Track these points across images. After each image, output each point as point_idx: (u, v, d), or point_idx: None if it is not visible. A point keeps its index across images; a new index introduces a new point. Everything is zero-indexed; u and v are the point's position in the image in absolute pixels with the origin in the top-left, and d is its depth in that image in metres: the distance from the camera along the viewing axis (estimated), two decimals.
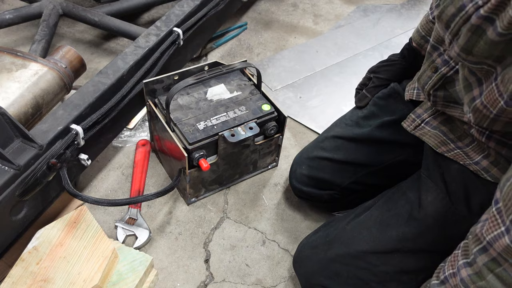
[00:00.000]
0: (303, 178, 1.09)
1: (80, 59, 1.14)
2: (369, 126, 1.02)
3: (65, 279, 0.85)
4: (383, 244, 0.85)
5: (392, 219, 0.87)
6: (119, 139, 1.30)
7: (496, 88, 0.60)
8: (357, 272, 0.86)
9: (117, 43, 1.67)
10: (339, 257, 0.88)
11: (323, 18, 1.88)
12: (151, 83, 1.09)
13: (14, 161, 0.80)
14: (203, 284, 1.03)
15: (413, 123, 0.90)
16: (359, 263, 0.86)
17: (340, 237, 0.91)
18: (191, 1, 1.27)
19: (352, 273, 0.86)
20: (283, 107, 1.11)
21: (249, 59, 1.64)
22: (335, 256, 0.89)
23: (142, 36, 1.15)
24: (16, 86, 0.98)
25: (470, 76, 0.68)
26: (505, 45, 0.56)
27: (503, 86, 0.58)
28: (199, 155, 1.02)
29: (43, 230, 0.93)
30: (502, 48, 0.57)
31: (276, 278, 1.05)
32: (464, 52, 0.62)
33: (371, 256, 0.86)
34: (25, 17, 1.42)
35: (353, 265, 0.86)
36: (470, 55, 0.62)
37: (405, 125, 0.92)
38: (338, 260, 0.88)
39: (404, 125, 0.92)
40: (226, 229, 1.13)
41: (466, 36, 0.60)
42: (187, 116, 1.06)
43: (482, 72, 0.64)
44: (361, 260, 0.86)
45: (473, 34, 0.59)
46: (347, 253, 0.88)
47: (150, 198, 0.94)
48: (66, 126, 0.90)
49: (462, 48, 0.62)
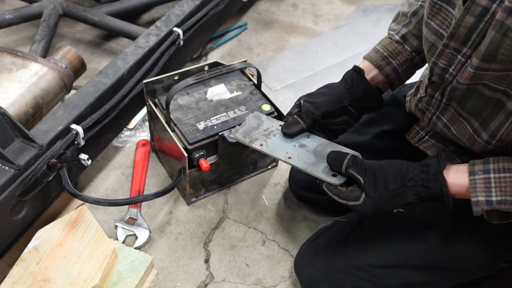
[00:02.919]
0: (302, 182, 1.09)
1: (80, 59, 1.14)
2: (368, 134, 1.00)
3: (65, 279, 0.85)
4: (388, 258, 0.84)
5: (398, 233, 0.85)
6: (119, 139, 1.30)
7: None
8: (360, 283, 0.85)
9: (117, 43, 1.67)
10: (343, 267, 0.87)
11: (323, 18, 1.88)
12: (151, 83, 1.09)
13: (14, 161, 0.80)
14: (203, 284, 1.03)
15: (417, 136, 0.87)
16: (363, 274, 0.85)
17: (344, 247, 0.89)
18: (191, 1, 1.27)
19: (355, 283, 0.85)
20: (283, 107, 1.11)
21: (249, 59, 1.64)
22: (339, 266, 0.87)
23: (142, 36, 1.15)
24: (16, 86, 0.98)
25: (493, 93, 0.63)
26: None
27: None
28: (199, 155, 1.02)
29: (43, 230, 0.93)
30: None
31: (276, 278, 1.05)
32: (487, 61, 0.58)
33: (375, 269, 0.84)
34: (25, 17, 1.42)
35: (357, 276, 0.85)
36: (494, 62, 0.58)
37: (408, 137, 0.89)
38: (342, 270, 0.87)
39: (407, 138, 0.89)
40: (226, 229, 1.13)
41: (490, 38, 0.56)
42: (187, 116, 1.07)
43: (507, 80, 0.60)
44: (365, 272, 0.85)
45: (496, 33, 0.55)
46: (351, 264, 0.86)
47: (150, 198, 0.94)
48: (66, 126, 0.90)
49: (485, 55, 0.58)
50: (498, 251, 0.77)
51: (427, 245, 0.82)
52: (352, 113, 0.84)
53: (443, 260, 0.81)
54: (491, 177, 0.64)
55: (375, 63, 0.86)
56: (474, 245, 0.78)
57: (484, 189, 0.64)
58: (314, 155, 0.78)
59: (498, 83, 0.62)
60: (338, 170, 0.72)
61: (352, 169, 0.70)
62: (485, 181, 0.64)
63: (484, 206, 0.64)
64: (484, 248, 0.78)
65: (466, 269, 0.81)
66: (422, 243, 0.82)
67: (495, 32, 0.56)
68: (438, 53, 0.67)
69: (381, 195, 0.68)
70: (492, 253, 0.78)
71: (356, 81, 0.84)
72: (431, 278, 0.82)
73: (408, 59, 0.86)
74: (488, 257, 0.78)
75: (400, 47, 0.86)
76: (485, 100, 0.65)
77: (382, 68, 0.86)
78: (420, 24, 0.81)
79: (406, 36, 0.85)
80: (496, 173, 0.64)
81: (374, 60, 0.86)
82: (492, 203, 0.64)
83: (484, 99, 0.65)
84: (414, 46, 0.85)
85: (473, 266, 0.80)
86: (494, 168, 0.64)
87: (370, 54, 0.87)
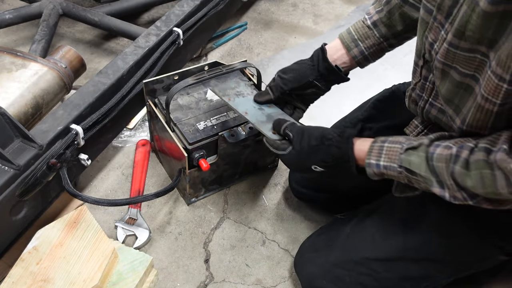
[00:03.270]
0: (302, 180, 1.09)
1: (80, 59, 1.14)
2: (369, 130, 1.00)
3: (65, 279, 0.85)
4: (386, 251, 0.85)
5: (395, 227, 0.86)
6: (119, 139, 1.30)
7: (493, 74, 0.58)
8: (359, 278, 0.86)
9: (117, 43, 1.67)
10: (341, 262, 0.88)
11: (323, 18, 1.88)
12: (151, 83, 1.09)
13: (14, 161, 0.80)
14: (203, 284, 1.03)
15: (416, 130, 0.88)
16: (361, 269, 0.86)
17: (343, 242, 0.91)
18: (191, 1, 1.27)
19: (354, 278, 0.86)
20: None
21: (249, 59, 1.64)
22: (337, 261, 0.88)
23: (142, 36, 1.15)
24: (16, 86, 0.98)
25: (462, 78, 0.65)
26: (496, 25, 0.55)
27: (500, 68, 0.56)
28: (199, 155, 1.02)
29: (43, 230, 0.93)
30: (494, 30, 0.56)
31: (276, 278, 1.05)
32: (457, 36, 0.61)
33: (373, 263, 0.85)
34: (25, 17, 1.42)
35: (355, 271, 0.86)
36: (463, 39, 0.60)
37: (407, 131, 0.90)
38: (340, 265, 0.88)
39: (406, 132, 0.90)
40: (226, 229, 1.13)
41: (462, 12, 0.59)
42: (187, 116, 1.06)
43: (474, 64, 0.62)
44: (364, 266, 0.86)
45: (468, 8, 0.58)
46: (349, 259, 0.87)
47: (150, 198, 0.94)
48: (66, 126, 0.90)
49: (456, 30, 0.61)
50: (497, 243, 0.77)
51: (424, 237, 0.83)
52: (319, 86, 0.94)
53: (441, 252, 0.81)
54: (385, 146, 0.73)
55: (345, 43, 0.92)
56: (472, 237, 0.78)
57: (376, 154, 0.74)
58: (266, 117, 0.94)
59: (466, 67, 0.64)
60: (277, 130, 0.87)
61: (288, 129, 0.84)
62: (379, 148, 0.74)
63: (374, 168, 0.74)
64: (482, 240, 0.78)
65: (464, 262, 0.81)
66: (419, 235, 0.83)
67: (467, 6, 0.58)
68: (429, 26, 0.71)
69: (303, 148, 0.80)
70: (490, 245, 0.78)
71: (320, 59, 0.92)
72: (430, 271, 0.82)
73: (376, 43, 0.91)
74: (486, 249, 0.78)
75: (370, 32, 0.90)
76: (455, 85, 0.68)
77: (350, 49, 0.92)
78: (391, 13, 0.87)
79: (377, 22, 0.89)
80: (390, 144, 0.73)
81: (344, 41, 0.92)
82: (380, 166, 0.73)
83: (455, 84, 0.68)
84: (382, 33, 0.89)
85: (471, 259, 0.80)
86: (391, 139, 0.74)
87: (343, 34, 0.94)
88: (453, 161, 0.63)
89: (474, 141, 0.64)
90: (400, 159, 0.70)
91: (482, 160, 0.60)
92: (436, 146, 0.67)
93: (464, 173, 0.62)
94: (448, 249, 0.81)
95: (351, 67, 0.95)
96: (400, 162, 0.70)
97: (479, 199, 0.63)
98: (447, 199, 0.67)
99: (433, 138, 0.69)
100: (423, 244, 0.82)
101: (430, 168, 0.66)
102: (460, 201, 0.65)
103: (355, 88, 1.59)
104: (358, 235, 0.90)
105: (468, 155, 0.62)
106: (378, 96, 1.05)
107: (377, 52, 0.92)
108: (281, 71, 0.96)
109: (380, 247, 0.85)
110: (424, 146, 0.68)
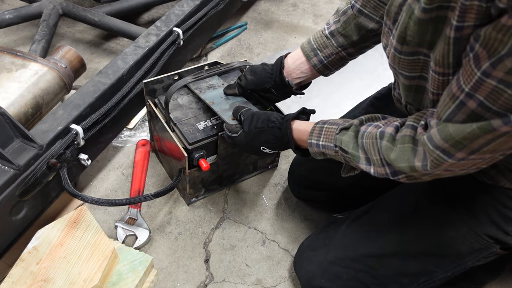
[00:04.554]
0: (301, 179, 1.09)
1: (80, 59, 1.14)
2: None
3: (65, 279, 0.85)
4: (382, 247, 0.85)
5: (391, 223, 0.87)
6: (119, 139, 1.30)
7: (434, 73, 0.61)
8: (357, 275, 0.86)
9: (117, 43, 1.67)
10: (339, 260, 0.88)
11: (323, 18, 1.88)
12: (151, 83, 1.09)
13: (14, 161, 0.80)
14: (203, 284, 1.03)
15: None
16: (358, 266, 0.86)
17: (340, 240, 0.91)
18: (191, 1, 1.27)
19: (352, 275, 0.86)
20: (283, 107, 1.11)
21: (249, 59, 1.64)
22: (335, 259, 0.89)
23: (142, 36, 1.15)
24: (16, 86, 0.98)
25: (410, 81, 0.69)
26: (432, 29, 0.58)
27: (439, 67, 0.59)
28: (199, 155, 1.02)
29: (43, 230, 0.93)
30: (431, 34, 0.58)
31: (276, 278, 1.05)
32: (400, 42, 0.64)
33: (370, 259, 0.86)
34: (25, 17, 1.42)
35: (353, 268, 0.87)
36: (405, 44, 0.63)
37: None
38: (338, 263, 0.88)
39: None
40: (226, 229, 1.13)
41: (402, 19, 0.62)
42: (187, 116, 1.06)
43: (419, 65, 0.65)
44: (360, 263, 0.86)
45: (406, 16, 0.61)
46: (346, 256, 0.88)
47: (150, 198, 0.94)
48: (66, 126, 0.90)
49: (398, 36, 0.63)
50: (492, 234, 0.78)
51: (418, 232, 0.83)
52: (275, 94, 0.99)
53: (436, 245, 0.82)
54: (324, 127, 0.79)
55: (305, 52, 0.95)
56: (467, 229, 0.78)
57: (317, 135, 0.80)
58: (229, 106, 1.02)
59: (412, 70, 0.67)
60: (236, 116, 0.95)
61: (242, 114, 0.92)
62: (319, 129, 0.80)
63: (315, 148, 0.80)
64: (475, 231, 0.78)
65: (460, 255, 0.81)
66: (413, 230, 0.84)
67: (406, 14, 0.61)
68: (382, 31, 0.74)
69: (250, 130, 0.88)
70: (486, 237, 0.78)
71: (277, 71, 0.97)
72: (427, 266, 0.83)
73: (334, 52, 0.93)
74: (481, 241, 0.78)
75: (328, 41, 0.92)
76: (406, 89, 0.72)
77: (310, 58, 0.95)
78: (347, 24, 0.89)
79: (334, 32, 0.92)
80: (329, 125, 0.78)
81: (305, 50, 0.95)
82: (320, 146, 0.79)
83: (405, 88, 0.72)
84: (339, 42, 0.92)
85: (467, 251, 0.80)
86: (331, 121, 0.80)
87: (304, 43, 0.97)
88: (380, 136, 0.68)
89: (401, 120, 0.70)
90: (335, 139, 0.76)
91: (408, 136, 0.64)
92: (368, 126, 0.72)
93: (389, 146, 0.66)
94: (442, 241, 0.81)
95: (313, 76, 0.98)
96: (335, 141, 0.76)
97: (401, 176, 0.67)
98: (372, 174, 0.71)
99: (363, 119, 0.74)
100: (417, 238, 0.83)
101: (359, 145, 0.72)
102: (383, 176, 0.70)
103: (355, 88, 1.59)
104: (355, 232, 0.90)
105: (394, 131, 0.67)
106: (376, 94, 1.05)
107: (336, 61, 0.94)
108: (248, 70, 1.01)
109: (376, 243, 0.86)
110: (354, 126, 0.73)
